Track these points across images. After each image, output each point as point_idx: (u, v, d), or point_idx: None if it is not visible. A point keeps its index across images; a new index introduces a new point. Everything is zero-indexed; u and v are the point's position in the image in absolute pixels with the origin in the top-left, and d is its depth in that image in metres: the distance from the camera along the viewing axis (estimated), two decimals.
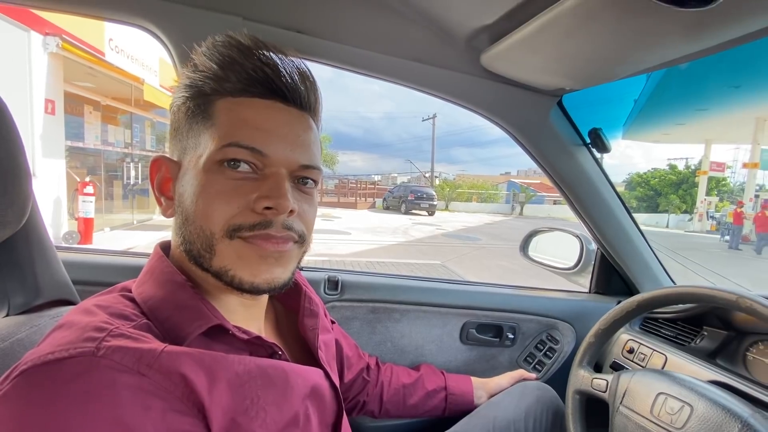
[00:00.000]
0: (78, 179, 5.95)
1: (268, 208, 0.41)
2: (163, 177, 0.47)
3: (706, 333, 0.90)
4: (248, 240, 0.42)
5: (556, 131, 0.89)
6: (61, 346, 0.33)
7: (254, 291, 0.43)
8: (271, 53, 0.44)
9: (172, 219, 0.47)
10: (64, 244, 5.39)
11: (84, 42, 5.45)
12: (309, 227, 0.47)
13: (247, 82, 0.43)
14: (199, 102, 0.44)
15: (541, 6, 0.54)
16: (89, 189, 5.71)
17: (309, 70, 0.47)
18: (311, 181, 0.47)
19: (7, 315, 0.54)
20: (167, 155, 0.47)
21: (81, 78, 6.17)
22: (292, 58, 0.46)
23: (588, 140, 0.91)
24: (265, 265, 0.43)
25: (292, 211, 0.43)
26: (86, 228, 5.72)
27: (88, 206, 5.71)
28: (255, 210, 0.41)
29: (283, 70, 0.44)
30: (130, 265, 0.90)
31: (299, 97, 0.46)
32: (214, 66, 0.43)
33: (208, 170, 0.42)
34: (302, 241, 0.46)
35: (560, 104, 0.88)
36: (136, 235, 6.89)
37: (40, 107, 5.15)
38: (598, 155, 0.96)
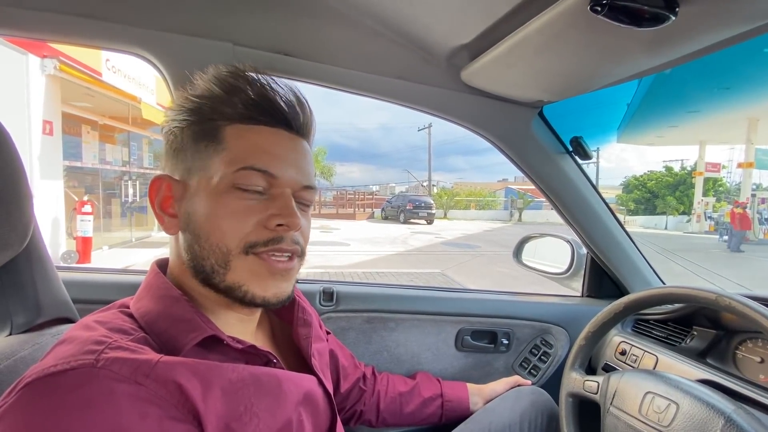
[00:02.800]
0: (76, 198, 5.96)
1: (280, 225, 0.46)
2: (164, 196, 0.48)
3: (695, 333, 0.91)
4: (261, 256, 0.46)
5: (539, 141, 0.92)
6: (63, 359, 0.35)
7: (264, 305, 0.47)
8: (275, 83, 0.49)
9: (169, 236, 0.50)
10: (62, 264, 5.38)
11: (81, 63, 5.51)
12: (307, 241, 0.52)
13: (256, 111, 0.47)
14: (206, 127, 0.47)
15: (513, 26, 0.58)
16: (87, 208, 5.72)
17: (306, 100, 0.51)
18: (310, 201, 0.52)
19: (10, 334, 0.55)
20: (168, 174, 0.49)
21: (79, 98, 6.23)
22: (293, 89, 0.50)
23: (570, 148, 0.94)
24: (273, 281, 0.47)
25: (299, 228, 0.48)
26: (84, 247, 5.71)
27: (86, 225, 5.71)
28: (267, 227, 0.46)
29: (287, 100, 0.49)
30: (128, 283, 0.91)
31: (300, 126, 0.50)
32: (223, 94, 0.47)
33: (222, 191, 0.45)
34: (302, 254, 0.51)
35: (541, 115, 0.91)
36: (135, 252, 6.88)
37: (38, 128, 5.20)
38: (584, 161, 0.99)
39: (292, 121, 0.49)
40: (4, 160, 0.49)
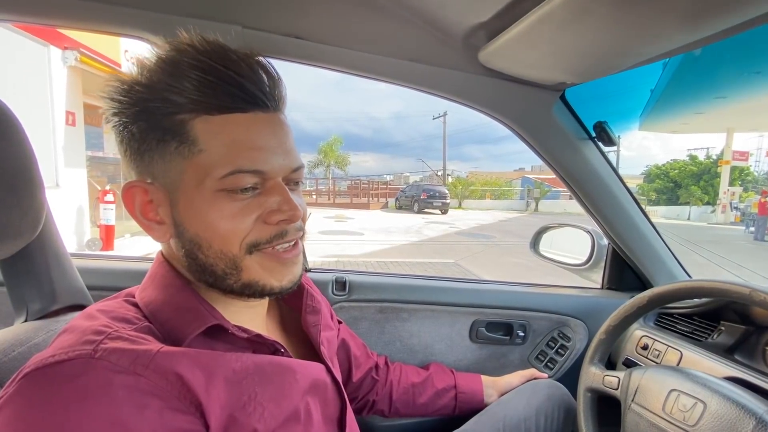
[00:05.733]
0: (99, 188, 6.12)
1: (282, 220, 0.44)
2: (142, 202, 0.44)
3: (723, 328, 0.87)
4: (267, 251, 0.45)
5: (560, 126, 0.88)
6: (62, 349, 0.35)
7: (281, 293, 0.47)
8: (232, 54, 0.42)
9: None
10: (87, 251, 5.56)
11: (101, 55, 5.62)
12: (305, 217, 0.50)
13: (223, 98, 0.41)
14: (168, 123, 0.41)
15: (535, 1, 0.54)
16: (110, 197, 5.86)
17: (273, 66, 0.46)
18: (300, 181, 0.49)
19: (26, 320, 0.56)
20: (140, 180, 0.44)
21: (99, 89, 6.34)
22: (254, 56, 0.44)
23: (593, 134, 0.90)
24: (286, 270, 0.47)
25: None
26: (107, 235, 5.88)
27: (108, 214, 5.86)
28: (268, 222, 0.44)
29: (257, 76, 0.43)
30: (142, 270, 0.92)
31: (275, 101, 0.45)
32: (175, 81, 0.40)
33: (212, 197, 0.42)
34: (304, 234, 0.50)
35: (563, 98, 0.87)
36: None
37: (62, 119, 5.34)
38: (606, 149, 0.94)
39: (266, 98, 0.43)
40: (14, 148, 0.49)
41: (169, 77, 0.40)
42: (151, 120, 0.41)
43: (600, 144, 0.92)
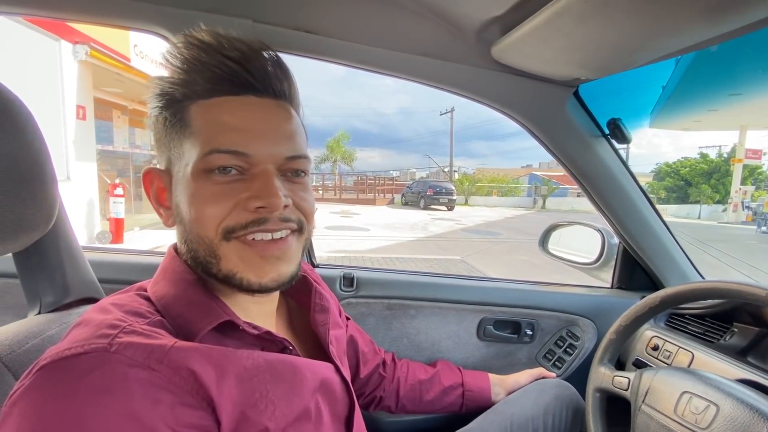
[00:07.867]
0: (108, 181, 6.18)
1: (261, 206, 0.42)
2: (157, 188, 0.48)
3: (736, 329, 0.86)
4: (244, 240, 0.43)
5: (574, 123, 0.87)
6: (77, 343, 0.35)
7: (263, 290, 0.44)
8: (236, 42, 0.44)
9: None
10: (97, 244, 5.63)
11: (111, 49, 5.66)
12: (308, 214, 0.48)
13: (214, 81, 0.43)
14: (173, 111, 0.44)
15: None
16: (119, 190, 5.92)
17: (278, 56, 0.46)
18: (301, 171, 0.47)
19: (39, 313, 0.57)
20: (157, 166, 0.48)
21: (109, 84, 6.41)
22: (256, 44, 0.45)
23: (607, 131, 0.88)
24: (269, 265, 0.44)
25: (285, 206, 0.44)
26: (117, 228, 5.94)
27: (118, 207, 5.92)
28: (247, 209, 0.42)
29: (248, 61, 0.43)
30: (152, 264, 0.93)
31: (271, 87, 0.45)
32: (179, 70, 0.44)
33: (197, 178, 0.42)
34: (301, 229, 0.47)
35: (577, 95, 0.85)
36: (164, 233, 7.13)
37: (72, 113, 5.39)
38: (619, 146, 0.93)
39: (259, 83, 0.44)
40: (29, 142, 0.49)
41: (179, 67, 0.44)
42: (172, 108, 0.45)
43: (613, 141, 0.90)
